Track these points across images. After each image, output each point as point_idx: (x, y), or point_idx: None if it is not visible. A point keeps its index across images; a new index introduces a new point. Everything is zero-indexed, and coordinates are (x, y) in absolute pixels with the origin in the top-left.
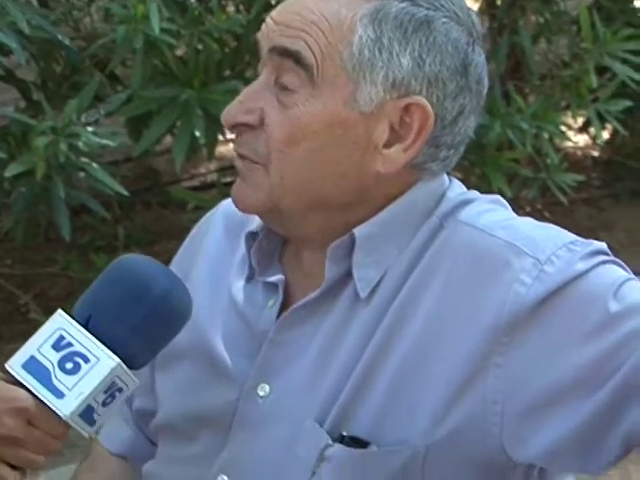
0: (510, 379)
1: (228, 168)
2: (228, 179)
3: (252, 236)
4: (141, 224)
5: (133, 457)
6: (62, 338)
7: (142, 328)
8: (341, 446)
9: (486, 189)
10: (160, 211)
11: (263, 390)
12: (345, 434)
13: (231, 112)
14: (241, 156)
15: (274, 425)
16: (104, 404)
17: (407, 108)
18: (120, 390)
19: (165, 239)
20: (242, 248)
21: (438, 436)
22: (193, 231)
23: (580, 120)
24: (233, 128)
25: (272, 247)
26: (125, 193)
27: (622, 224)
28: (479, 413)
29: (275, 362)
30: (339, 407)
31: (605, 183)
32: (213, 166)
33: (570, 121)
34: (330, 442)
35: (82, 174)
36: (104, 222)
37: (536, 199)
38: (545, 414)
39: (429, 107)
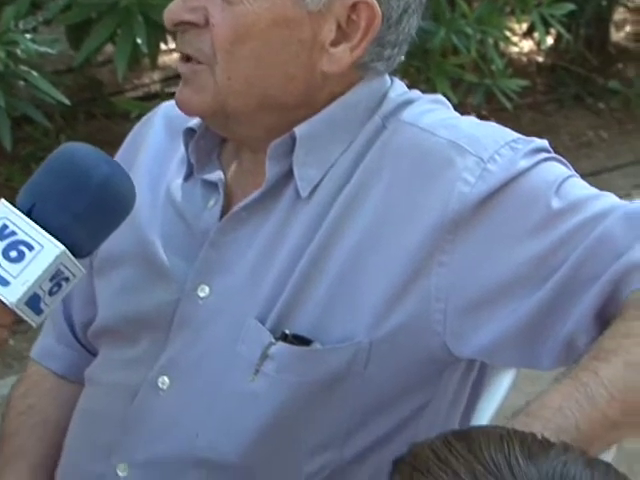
0: (453, 277)
1: (172, 78)
2: (172, 89)
3: (190, 132)
4: (84, 134)
5: (73, 375)
6: (5, 227)
7: (86, 215)
8: (284, 344)
9: None
10: (104, 121)
11: (203, 291)
12: (288, 332)
13: (173, 9)
14: (185, 57)
15: (215, 325)
16: (51, 293)
17: (354, 6)
18: (67, 279)
19: (109, 149)
20: (182, 147)
21: (381, 333)
22: (132, 132)
23: (524, 25)
24: (176, 27)
25: (210, 146)
26: (67, 102)
27: (566, 128)
28: (422, 310)
29: (215, 263)
30: (281, 305)
31: (549, 88)
32: (157, 76)
33: (515, 27)
34: (273, 340)
35: (23, 83)
36: (46, 133)
37: (481, 105)
38: (488, 311)
39: (377, 6)
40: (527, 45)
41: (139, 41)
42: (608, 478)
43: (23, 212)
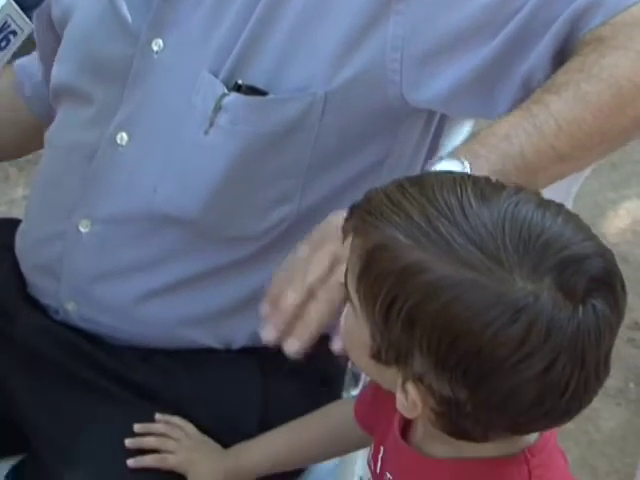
0: (410, 24)
1: None
2: None
3: None
4: None
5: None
6: None
7: None
8: (238, 94)
9: None
10: None
11: (157, 45)
12: (241, 82)
13: None
14: None
15: (169, 79)
16: None
17: None
18: (14, 33)
19: None
20: None
21: (337, 83)
22: None
23: None
24: None
25: None
26: None
27: None
28: (378, 60)
29: (168, 17)
30: (234, 57)
31: None
32: None
33: None
34: (226, 91)
35: None
36: None
37: None
38: (445, 59)
39: None
40: None
41: None
42: (559, 218)
43: None
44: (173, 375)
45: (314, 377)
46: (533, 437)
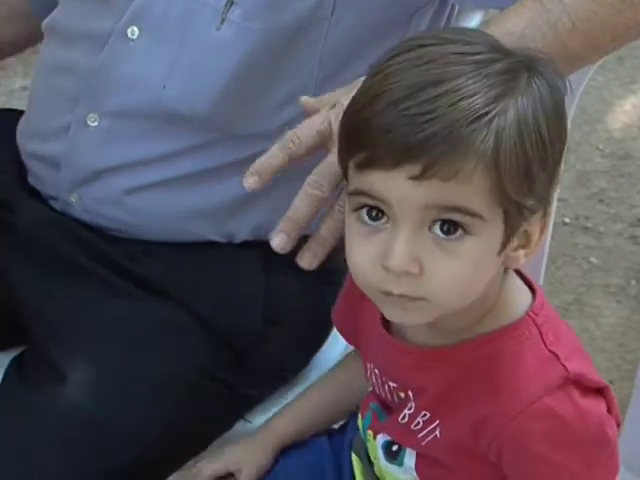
0: None
1: None
2: None
3: None
4: None
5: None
6: None
7: None
8: None
9: None
10: None
11: None
12: None
13: None
14: None
15: None
16: None
17: None
18: None
19: None
20: None
21: None
22: None
23: None
24: None
25: None
26: None
27: None
28: None
29: None
30: None
31: None
32: None
33: None
34: None
35: None
36: None
37: None
38: None
39: None
40: None
41: None
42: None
43: None
44: (175, 267)
45: (316, 276)
46: (529, 299)
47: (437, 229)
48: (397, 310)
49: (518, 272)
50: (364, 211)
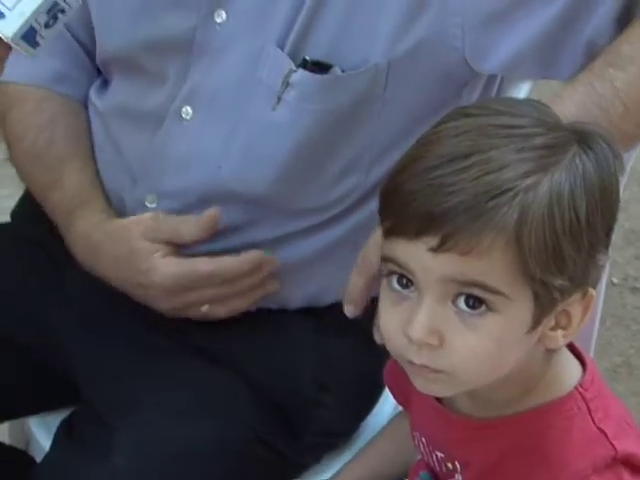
0: None
1: None
2: None
3: None
4: None
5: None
6: None
7: None
8: (305, 72)
9: None
10: None
11: (220, 17)
12: (307, 58)
13: None
14: None
15: (234, 51)
16: (47, 26)
17: None
18: (62, 11)
19: None
20: None
21: (400, 51)
22: None
23: None
24: None
25: None
26: None
27: None
28: (440, 26)
29: None
30: (297, 30)
31: None
32: None
33: None
34: (293, 67)
35: None
36: None
37: None
38: (506, 21)
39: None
40: None
41: None
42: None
43: None
44: (227, 333)
45: (365, 336)
46: (579, 373)
47: (462, 303)
48: (421, 380)
49: (569, 343)
50: (394, 278)
